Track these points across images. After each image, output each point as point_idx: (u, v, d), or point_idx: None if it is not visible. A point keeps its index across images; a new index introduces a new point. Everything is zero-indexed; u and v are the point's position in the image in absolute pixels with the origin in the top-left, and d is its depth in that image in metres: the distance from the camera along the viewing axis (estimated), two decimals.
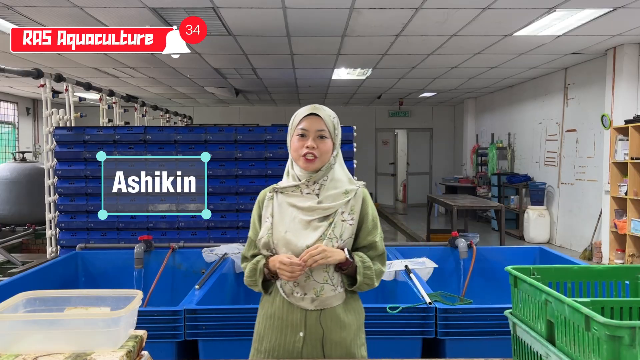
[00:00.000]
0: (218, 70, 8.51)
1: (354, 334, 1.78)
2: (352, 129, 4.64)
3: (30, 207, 6.87)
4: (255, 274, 1.76)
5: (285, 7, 5.01)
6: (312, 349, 1.72)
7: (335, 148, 1.80)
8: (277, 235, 1.75)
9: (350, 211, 1.77)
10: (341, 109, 14.35)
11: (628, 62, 6.59)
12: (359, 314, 1.84)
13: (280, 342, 1.74)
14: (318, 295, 1.71)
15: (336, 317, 1.74)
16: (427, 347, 2.51)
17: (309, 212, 1.74)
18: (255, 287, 1.78)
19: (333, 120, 1.80)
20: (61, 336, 1.29)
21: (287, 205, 1.77)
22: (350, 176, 1.86)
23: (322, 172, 1.76)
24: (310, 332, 1.72)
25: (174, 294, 3.63)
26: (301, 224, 1.74)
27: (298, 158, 1.75)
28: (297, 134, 1.76)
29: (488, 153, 11.15)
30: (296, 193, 1.77)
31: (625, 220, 6.49)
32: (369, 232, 1.81)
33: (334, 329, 1.73)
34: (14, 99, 12.03)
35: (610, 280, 1.61)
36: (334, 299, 1.74)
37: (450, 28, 5.80)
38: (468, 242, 3.68)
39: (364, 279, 1.74)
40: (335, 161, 1.80)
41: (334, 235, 1.72)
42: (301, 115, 1.78)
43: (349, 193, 1.78)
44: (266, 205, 1.80)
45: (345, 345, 1.75)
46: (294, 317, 1.72)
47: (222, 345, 2.47)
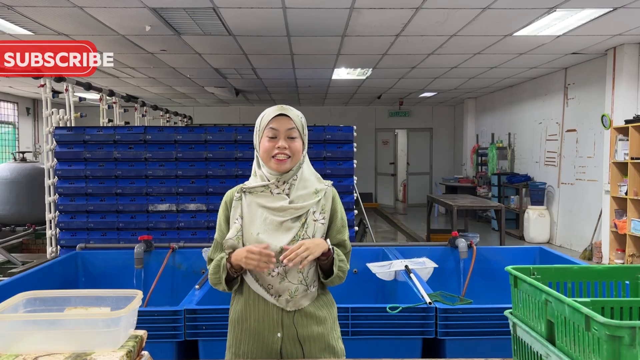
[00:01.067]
0: (218, 70, 8.51)
1: (330, 328, 1.79)
2: (352, 129, 4.64)
3: (30, 207, 6.87)
4: (219, 270, 1.71)
5: (285, 7, 5.01)
6: (291, 348, 1.71)
7: (304, 147, 1.79)
8: (249, 237, 1.71)
9: (322, 210, 1.77)
10: (341, 109, 14.35)
11: (628, 62, 6.59)
12: (331, 307, 1.84)
13: (258, 344, 1.72)
14: (292, 296, 1.71)
15: (310, 314, 1.74)
16: (427, 347, 2.51)
17: (281, 213, 1.72)
18: (219, 286, 1.74)
19: (301, 120, 1.80)
20: (61, 336, 1.29)
21: (257, 205, 1.74)
22: (318, 175, 1.84)
23: (292, 172, 1.75)
24: (288, 331, 1.71)
25: (174, 294, 3.63)
26: (273, 225, 1.71)
27: (268, 159, 1.73)
28: (267, 135, 1.74)
29: (488, 153, 11.15)
30: (266, 193, 1.74)
31: (625, 220, 6.49)
32: (339, 231, 1.81)
33: (309, 325, 1.73)
34: (14, 99, 12.04)
35: (610, 280, 1.61)
36: (305, 299, 1.74)
37: (450, 28, 5.80)
38: (468, 242, 3.68)
39: (339, 271, 1.74)
40: (304, 160, 1.79)
41: (307, 236, 1.71)
42: (270, 116, 1.75)
43: (319, 192, 1.77)
44: (234, 206, 1.76)
45: (324, 340, 1.75)
46: (270, 317, 1.71)
47: (222, 345, 2.45)
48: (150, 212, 4.60)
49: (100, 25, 5.59)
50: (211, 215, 4.63)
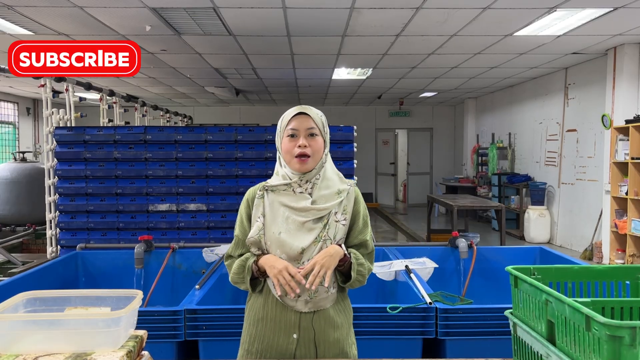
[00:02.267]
0: (218, 70, 8.51)
1: (345, 334, 1.79)
2: (352, 129, 4.64)
3: (30, 207, 6.88)
4: (244, 271, 1.72)
5: (285, 7, 5.01)
6: (305, 350, 1.71)
7: (326, 146, 1.78)
8: (271, 236, 1.71)
9: (343, 211, 1.75)
10: (341, 109, 14.35)
11: (628, 62, 6.59)
12: (348, 313, 1.84)
13: (273, 343, 1.72)
14: (312, 297, 1.70)
15: (329, 318, 1.73)
16: (428, 347, 2.51)
17: (303, 213, 1.71)
18: (242, 285, 1.75)
19: (321, 118, 1.79)
20: (61, 336, 1.29)
21: (279, 204, 1.73)
22: (341, 174, 1.83)
23: (315, 171, 1.74)
24: (304, 333, 1.71)
25: (174, 294, 3.63)
26: (295, 224, 1.70)
27: (290, 160, 1.72)
28: (287, 134, 1.73)
29: (488, 153, 11.14)
30: (288, 192, 1.73)
31: (625, 220, 6.49)
32: (360, 231, 1.79)
33: (327, 329, 1.72)
34: (14, 99, 12.04)
35: (611, 280, 1.61)
36: (327, 301, 1.73)
37: (451, 28, 5.80)
38: (468, 242, 3.68)
39: (357, 275, 1.73)
40: (326, 159, 1.78)
41: (328, 237, 1.70)
42: (289, 116, 1.75)
43: (341, 193, 1.76)
44: (256, 204, 1.75)
45: (339, 346, 1.75)
46: (287, 319, 1.71)
47: (222, 345, 2.47)
48: (151, 212, 4.60)
49: (100, 25, 5.59)
50: (211, 216, 4.63)
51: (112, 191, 4.59)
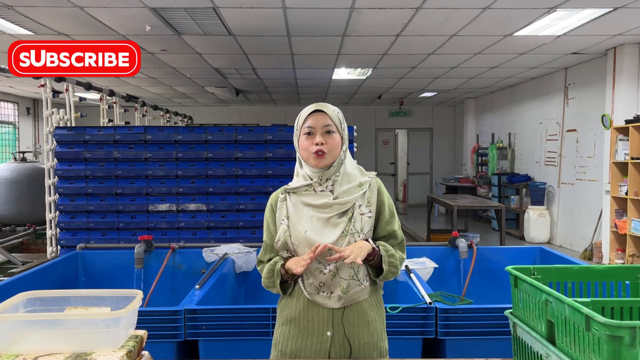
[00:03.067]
0: (218, 70, 8.51)
1: (380, 328, 1.77)
2: (352, 129, 4.64)
3: (30, 207, 6.88)
4: (273, 275, 1.72)
5: (285, 7, 5.01)
6: (340, 347, 1.69)
7: (343, 142, 1.77)
8: (297, 236, 1.70)
9: (368, 203, 1.74)
10: (341, 108, 14.07)
11: (628, 62, 6.59)
12: (381, 309, 1.82)
13: (307, 342, 1.70)
14: (345, 292, 1.68)
15: (363, 312, 1.71)
16: (428, 347, 2.51)
17: (326, 209, 1.70)
18: (274, 289, 1.75)
19: (338, 115, 1.79)
20: (61, 336, 1.29)
21: (302, 204, 1.72)
22: (361, 168, 1.82)
23: (334, 168, 1.73)
24: (338, 330, 1.69)
25: (174, 294, 3.63)
26: (320, 222, 1.69)
27: (308, 157, 1.72)
28: (304, 132, 1.73)
29: (488, 153, 11.14)
30: (309, 192, 1.73)
31: (625, 220, 6.49)
32: (388, 222, 1.78)
33: (361, 324, 1.71)
34: (14, 99, 12.04)
35: (611, 280, 1.61)
36: (361, 294, 1.72)
37: (451, 28, 5.80)
38: (468, 242, 3.68)
39: (390, 267, 1.71)
40: (345, 156, 1.77)
41: (355, 230, 1.69)
42: (306, 114, 1.75)
43: (363, 185, 1.75)
44: (280, 207, 1.75)
45: (373, 341, 1.73)
46: (320, 316, 1.69)
47: (222, 345, 2.47)
48: (151, 212, 4.60)
49: (100, 25, 5.59)
50: (211, 216, 4.63)
51: (112, 191, 4.59)
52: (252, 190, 4.66)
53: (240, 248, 3.68)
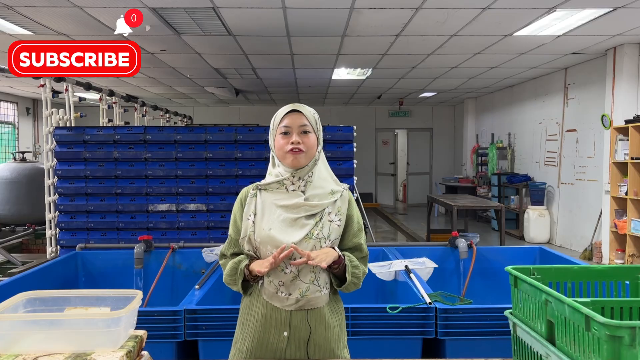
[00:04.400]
0: (218, 70, 8.51)
1: (337, 336, 1.78)
2: (352, 129, 4.64)
3: (30, 207, 6.87)
4: (236, 273, 1.73)
5: (285, 7, 5.01)
6: (295, 349, 1.70)
7: (319, 143, 1.78)
8: (261, 233, 1.70)
9: (338, 212, 1.75)
10: (341, 109, 14.35)
11: (628, 62, 6.59)
12: (341, 315, 1.83)
13: (263, 341, 1.71)
14: (303, 295, 1.69)
15: (322, 318, 1.72)
16: (427, 347, 2.51)
17: (295, 209, 1.70)
18: (234, 287, 1.76)
19: (314, 115, 1.79)
20: (61, 336, 1.29)
21: (272, 202, 1.73)
22: (335, 177, 1.83)
23: (308, 168, 1.73)
24: (295, 331, 1.70)
25: (174, 294, 3.63)
26: (286, 221, 1.70)
27: (284, 156, 1.72)
28: (280, 132, 1.73)
29: (488, 153, 11.14)
30: (281, 190, 1.74)
31: (625, 220, 6.49)
32: (355, 235, 1.79)
33: (318, 329, 1.71)
34: (14, 99, 12.04)
35: (611, 280, 1.61)
36: (319, 300, 1.72)
37: (450, 28, 5.80)
38: (468, 242, 3.68)
39: (353, 278, 1.72)
40: (319, 157, 1.78)
41: (322, 236, 1.69)
42: (282, 113, 1.76)
43: (335, 194, 1.76)
44: (249, 202, 1.76)
45: (329, 347, 1.74)
46: (278, 316, 1.70)
47: (222, 345, 2.46)
48: (150, 212, 4.60)
49: (100, 25, 5.59)
50: (211, 216, 4.63)
51: (112, 191, 4.59)
52: None
53: None
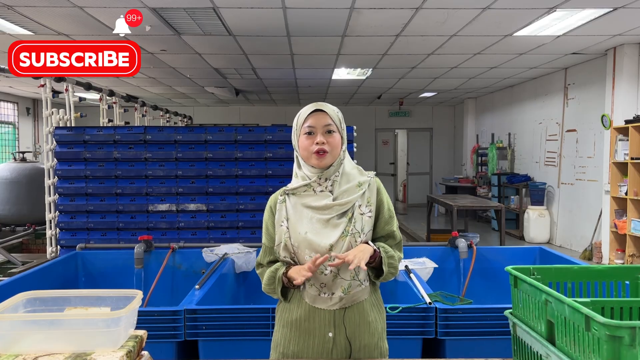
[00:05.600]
0: (218, 70, 8.51)
1: (381, 328, 1.77)
2: (352, 129, 4.64)
3: (30, 207, 6.87)
4: (274, 282, 1.72)
5: (285, 7, 5.01)
6: (341, 348, 1.69)
7: (343, 142, 1.76)
8: (297, 237, 1.69)
9: (367, 203, 1.73)
10: (341, 108, 14.03)
11: (628, 62, 6.59)
12: (382, 309, 1.83)
13: (309, 344, 1.70)
14: (346, 292, 1.68)
15: (364, 313, 1.71)
16: (427, 347, 2.51)
17: (326, 211, 1.69)
18: (274, 295, 1.75)
19: (338, 114, 1.78)
20: (61, 336, 1.29)
21: (302, 206, 1.71)
22: (360, 167, 1.82)
23: (334, 168, 1.72)
24: (339, 331, 1.69)
25: (174, 294, 3.63)
26: (320, 223, 1.68)
27: (309, 156, 1.70)
28: (304, 132, 1.71)
29: (488, 153, 11.14)
30: (309, 192, 1.72)
31: (625, 220, 6.49)
32: (387, 222, 1.77)
33: (362, 325, 1.71)
34: (14, 99, 12.03)
35: (610, 280, 1.61)
36: (361, 294, 1.72)
37: (450, 28, 5.80)
38: (468, 242, 3.68)
39: (389, 268, 1.72)
40: (344, 156, 1.76)
41: (356, 230, 1.68)
42: (306, 113, 1.74)
43: (362, 185, 1.74)
44: (279, 208, 1.74)
45: (373, 341, 1.74)
46: (321, 318, 1.69)
47: (222, 345, 2.47)
48: (150, 212, 4.60)
49: (100, 25, 5.59)
50: (211, 216, 4.63)
51: (112, 191, 4.59)
52: (252, 191, 4.66)
53: (240, 248, 3.68)
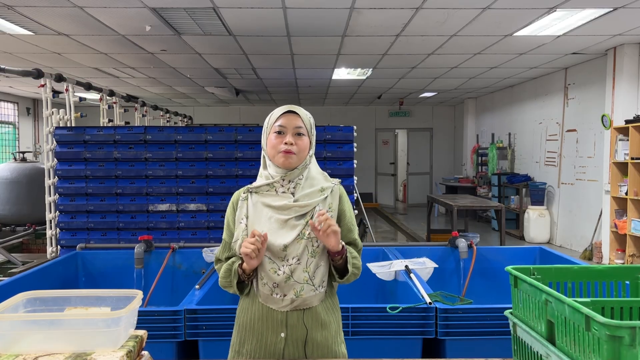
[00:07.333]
0: (218, 70, 8.51)
1: (335, 332, 1.78)
2: (352, 129, 4.64)
3: (30, 207, 6.87)
4: (230, 274, 1.73)
5: (285, 7, 5.01)
6: (293, 349, 1.71)
7: (311, 147, 1.78)
8: None
9: (329, 209, 1.74)
10: (341, 109, 14.35)
11: (628, 62, 6.59)
12: (337, 312, 1.84)
13: (262, 344, 1.72)
14: (298, 295, 1.69)
15: (317, 317, 1.73)
16: (427, 347, 2.51)
17: (285, 211, 1.71)
18: (230, 289, 1.76)
19: (310, 119, 1.80)
20: (61, 336, 1.29)
21: (262, 205, 1.73)
22: (325, 174, 1.83)
23: (298, 171, 1.73)
24: (292, 332, 1.70)
25: (174, 294, 3.63)
26: (277, 223, 1.70)
27: (275, 155, 1.72)
28: (275, 130, 1.73)
29: (488, 153, 11.15)
30: (271, 192, 1.74)
31: (625, 220, 6.49)
32: (349, 229, 1.79)
33: (315, 328, 1.72)
34: (14, 99, 12.04)
35: (611, 280, 1.61)
36: (314, 299, 1.72)
37: (450, 28, 5.80)
38: (468, 242, 3.68)
39: (353, 269, 1.74)
40: (310, 160, 1.78)
41: (314, 235, 1.69)
42: (278, 113, 1.76)
43: (325, 190, 1.76)
44: (240, 205, 1.76)
45: (327, 345, 1.74)
46: (274, 318, 1.71)
47: (222, 345, 2.46)
48: (150, 212, 4.60)
49: (100, 25, 5.59)
50: (211, 216, 4.63)
51: (112, 191, 4.59)
52: None
53: None
